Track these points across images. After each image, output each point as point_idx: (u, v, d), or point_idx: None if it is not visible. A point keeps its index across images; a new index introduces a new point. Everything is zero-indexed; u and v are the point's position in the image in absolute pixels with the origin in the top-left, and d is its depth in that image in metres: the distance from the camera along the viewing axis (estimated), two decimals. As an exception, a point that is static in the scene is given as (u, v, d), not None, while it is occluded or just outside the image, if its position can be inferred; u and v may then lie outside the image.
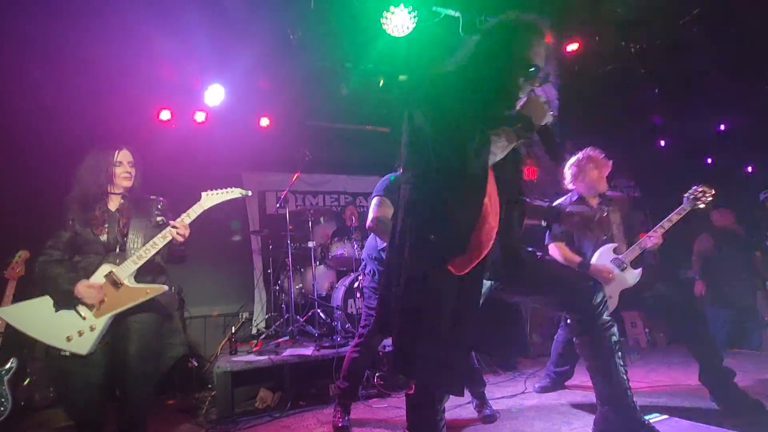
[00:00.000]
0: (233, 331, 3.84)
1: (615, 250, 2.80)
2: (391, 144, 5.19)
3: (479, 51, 1.48)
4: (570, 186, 3.05)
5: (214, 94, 4.10)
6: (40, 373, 3.63)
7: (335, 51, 4.00)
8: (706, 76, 4.96)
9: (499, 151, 1.34)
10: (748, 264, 4.64)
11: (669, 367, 3.59)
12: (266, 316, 4.97)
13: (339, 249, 4.42)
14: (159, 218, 2.22)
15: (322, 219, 4.89)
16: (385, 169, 2.80)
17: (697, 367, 2.49)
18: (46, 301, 1.99)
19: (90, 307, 1.97)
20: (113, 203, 2.17)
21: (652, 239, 2.70)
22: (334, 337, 3.83)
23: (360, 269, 3.79)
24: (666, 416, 1.82)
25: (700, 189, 2.66)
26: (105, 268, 2.02)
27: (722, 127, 6.13)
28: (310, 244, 4.32)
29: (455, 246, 1.29)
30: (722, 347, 4.29)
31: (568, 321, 1.63)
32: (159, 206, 2.27)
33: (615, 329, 1.57)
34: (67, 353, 1.93)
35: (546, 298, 1.60)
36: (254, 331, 4.88)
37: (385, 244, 2.59)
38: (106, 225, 2.08)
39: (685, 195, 2.71)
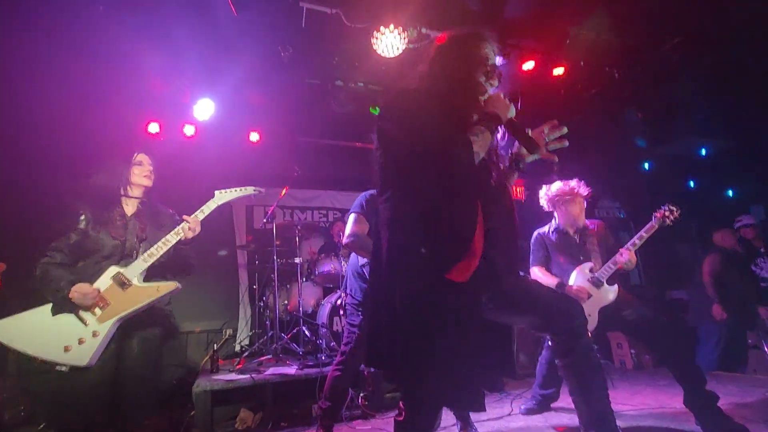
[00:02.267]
0: (215, 348, 3.75)
1: (591, 270, 2.86)
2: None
3: (440, 61, 1.54)
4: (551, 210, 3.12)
5: (204, 108, 4.10)
6: (10, 391, 3.50)
7: (325, 68, 4.04)
8: (689, 101, 5.12)
9: (481, 150, 1.36)
10: (749, 285, 4.63)
11: (655, 390, 3.58)
12: (250, 333, 4.88)
13: (326, 265, 4.38)
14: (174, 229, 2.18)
15: (310, 235, 4.85)
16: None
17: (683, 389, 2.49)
18: (39, 313, 1.85)
19: (94, 310, 1.85)
20: (129, 207, 2.12)
21: (624, 256, 2.77)
22: (319, 355, 3.76)
23: (342, 286, 3.75)
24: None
25: (668, 208, 2.82)
26: (112, 270, 1.92)
27: (704, 151, 6.29)
28: (297, 260, 4.27)
29: (455, 251, 1.26)
30: (712, 366, 4.31)
31: (550, 343, 1.60)
32: (174, 218, 2.25)
33: (595, 351, 1.56)
34: (65, 368, 1.77)
35: (528, 319, 1.57)
36: (237, 348, 4.77)
37: (366, 261, 2.58)
38: (123, 230, 2.01)
39: (654, 214, 2.84)
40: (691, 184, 7.01)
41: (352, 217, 2.57)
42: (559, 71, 4.28)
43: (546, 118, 1.61)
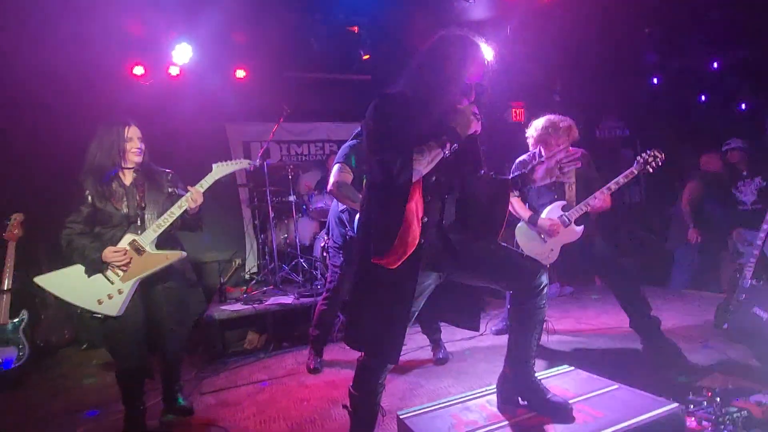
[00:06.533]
0: (222, 281, 4.17)
1: (563, 208, 2.94)
2: (372, 92, 5.11)
3: (419, 66, 1.53)
4: (532, 147, 3.13)
5: (183, 51, 4.05)
6: (53, 318, 4.06)
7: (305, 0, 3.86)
8: (701, 13, 4.74)
9: (422, 167, 1.43)
10: (729, 209, 4.64)
11: (618, 309, 3.88)
12: (257, 263, 5.31)
13: (319, 202, 4.60)
14: (170, 189, 2.40)
15: (302, 171, 5.02)
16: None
17: None
18: (77, 269, 2.19)
19: (117, 272, 2.19)
20: (127, 178, 2.33)
21: (598, 200, 2.81)
22: (316, 283, 4.16)
23: (324, 231, 3.99)
24: (572, 368, 2.05)
25: (651, 153, 2.70)
26: (128, 237, 2.22)
27: (716, 64, 5.92)
28: (291, 198, 4.49)
29: (380, 247, 1.47)
30: (684, 286, 4.60)
31: (510, 293, 1.81)
32: (169, 178, 2.44)
33: (544, 310, 1.72)
34: (101, 315, 2.16)
35: (491, 281, 1.73)
36: (247, 276, 5.24)
37: (345, 207, 2.78)
38: (125, 199, 2.26)
39: (636, 158, 2.75)
40: (702, 98, 6.70)
41: (336, 167, 2.69)
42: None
43: (551, 34, 1.58)
